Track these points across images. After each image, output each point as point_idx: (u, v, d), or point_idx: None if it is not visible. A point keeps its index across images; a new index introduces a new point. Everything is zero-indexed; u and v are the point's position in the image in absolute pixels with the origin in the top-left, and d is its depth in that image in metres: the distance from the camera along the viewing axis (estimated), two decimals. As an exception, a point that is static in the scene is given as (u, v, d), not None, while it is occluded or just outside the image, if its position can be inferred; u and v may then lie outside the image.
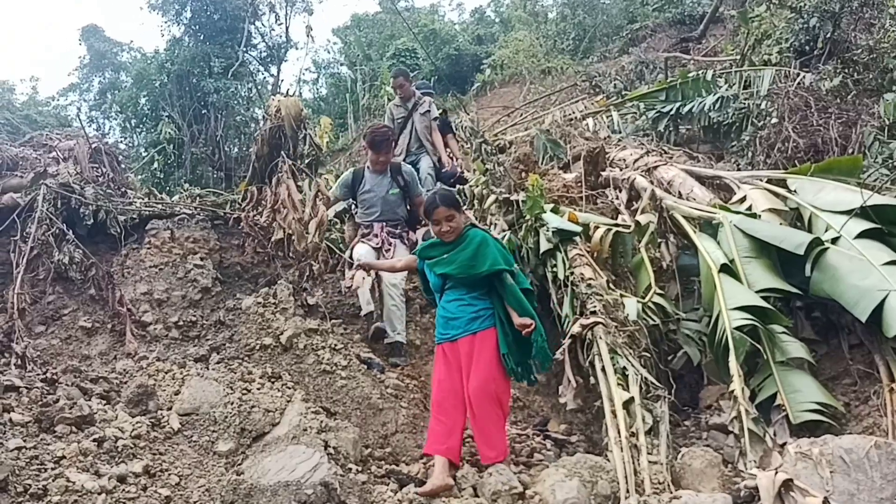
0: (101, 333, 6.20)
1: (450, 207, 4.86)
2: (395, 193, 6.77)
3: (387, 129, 6.74)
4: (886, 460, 3.37)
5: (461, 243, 4.89)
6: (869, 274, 5.21)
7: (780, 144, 8.23)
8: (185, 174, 18.85)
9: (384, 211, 6.81)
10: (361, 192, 6.84)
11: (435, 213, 4.83)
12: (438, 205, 4.83)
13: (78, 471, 4.25)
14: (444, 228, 4.85)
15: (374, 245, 6.63)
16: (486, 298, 4.86)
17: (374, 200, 6.79)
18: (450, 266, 4.87)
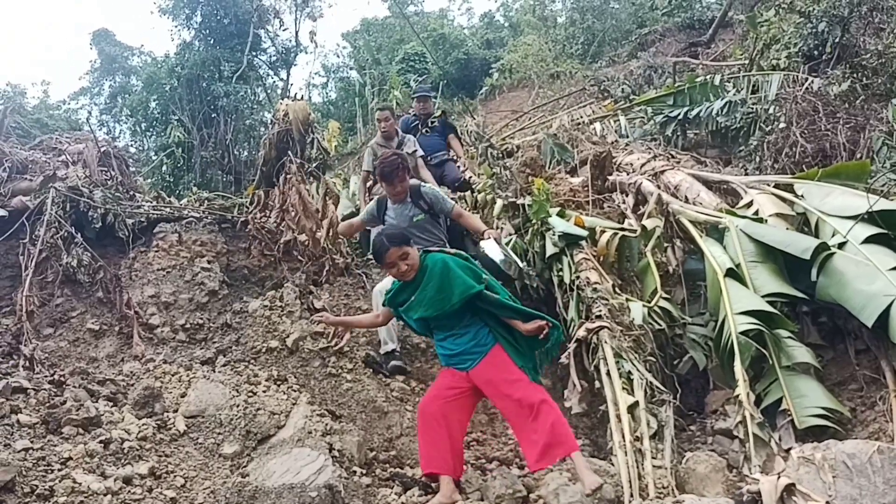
0: (108, 336, 6.24)
1: (401, 245, 4.51)
2: (420, 219, 6.24)
3: (395, 158, 6.21)
4: (889, 465, 3.36)
5: (423, 278, 4.57)
6: (875, 279, 5.19)
7: (788, 149, 8.20)
8: (195, 178, 18.94)
9: (416, 238, 6.24)
10: (387, 220, 6.36)
11: (387, 257, 4.49)
12: (388, 247, 4.47)
13: (84, 472, 4.29)
14: (402, 269, 4.50)
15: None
16: (478, 320, 4.61)
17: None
18: (421, 308, 4.58)
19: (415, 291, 4.58)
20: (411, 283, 4.59)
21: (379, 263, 4.63)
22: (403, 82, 21.58)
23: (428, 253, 4.69)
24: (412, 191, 6.31)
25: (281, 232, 6.83)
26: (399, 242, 4.50)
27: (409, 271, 4.51)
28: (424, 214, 6.25)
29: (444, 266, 4.54)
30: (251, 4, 21.56)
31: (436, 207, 6.28)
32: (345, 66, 30.14)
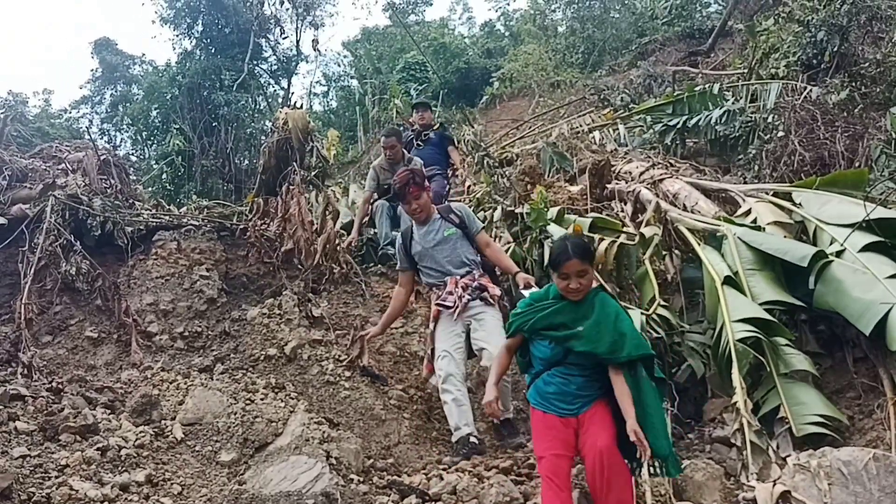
0: (106, 344, 6.25)
1: (584, 260, 3.88)
2: (451, 234, 5.71)
3: (405, 174, 5.72)
4: (885, 473, 3.36)
5: (592, 311, 3.95)
6: (873, 287, 5.19)
7: (787, 158, 8.21)
8: (195, 186, 18.98)
9: (445, 260, 5.71)
10: (414, 251, 5.82)
11: (565, 266, 3.86)
12: (571, 256, 3.85)
13: (81, 479, 4.29)
14: (574, 285, 3.87)
15: (450, 305, 5.54)
16: (602, 374, 3.97)
17: (428, 253, 5.74)
18: (591, 343, 3.86)
19: (579, 319, 3.94)
20: (572, 307, 3.96)
21: (552, 268, 4.02)
22: (404, 91, 21.63)
23: (602, 286, 4.32)
24: (441, 209, 5.89)
25: (281, 240, 6.84)
26: (583, 255, 3.89)
27: (579, 292, 3.91)
28: (456, 229, 5.75)
29: (616, 307, 4.05)
30: (252, 13, 21.64)
31: (467, 223, 5.80)
32: (345, 74, 30.23)
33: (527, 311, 4.11)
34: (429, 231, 5.76)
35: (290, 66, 24.50)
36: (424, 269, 5.80)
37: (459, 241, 5.72)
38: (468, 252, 5.74)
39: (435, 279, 5.75)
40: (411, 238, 5.83)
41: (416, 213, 5.72)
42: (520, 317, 4.14)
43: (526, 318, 4.09)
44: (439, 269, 5.70)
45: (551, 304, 4.05)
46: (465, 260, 5.71)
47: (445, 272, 5.68)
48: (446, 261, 5.68)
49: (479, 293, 5.59)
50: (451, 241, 5.70)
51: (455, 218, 5.79)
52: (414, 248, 5.79)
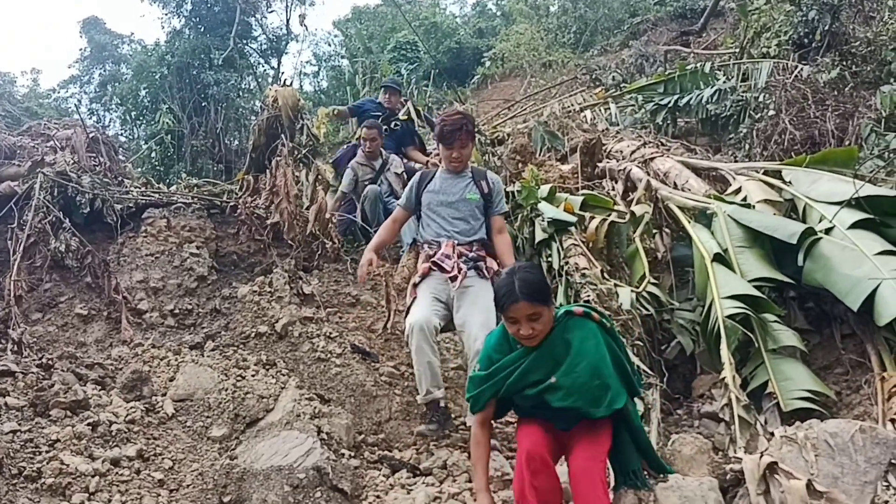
0: (97, 321, 6.24)
1: (534, 302, 3.23)
2: (473, 199, 5.24)
3: (461, 117, 5.21)
4: (871, 444, 3.40)
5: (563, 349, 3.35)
6: (861, 263, 5.22)
7: (777, 136, 8.23)
8: (185, 166, 18.87)
9: (455, 220, 5.23)
10: (427, 192, 5.32)
11: (511, 310, 3.25)
12: (517, 298, 3.22)
13: (72, 454, 4.30)
14: (525, 332, 3.27)
15: (447, 269, 5.03)
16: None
17: (440, 206, 5.26)
18: (568, 397, 3.30)
19: (554, 367, 3.33)
20: (543, 354, 3.36)
21: (497, 309, 3.40)
22: (395, 71, 21.52)
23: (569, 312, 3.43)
24: (476, 170, 5.48)
25: (269, 214, 6.81)
26: (534, 296, 3.22)
27: (533, 338, 3.29)
28: (480, 198, 5.28)
29: (597, 341, 3.38)
30: (240, -9, 21.44)
31: (493, 197, 5.33)
32: (336, 54, 30.03)
33: (492, 374, 3.43)
34: (454, 184, 5.29)
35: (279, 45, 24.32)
36: (428, 219, 5.30)
37: (478, 210, 5.27)
38: (479, 225, 5.28)
39: (432, 235, 5.24)
40: (429, 181, 5.35)
41: (455, 162, 5.24)
42: (486, 384, 3.45)
43: (494, 387, 3.43)
44: (444, 228, 5.22)
45: (517, 359, 3.39)
46: (474, 230, 5.25)
47: (447, 233, 5.20)
48: (458, 221, 5.22)
49: (475, 263, 5.15)
50: (471, 206, 5.25)
51: (485, 186, 5.32)
52: (428, 192, 5.30)
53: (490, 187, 5.33)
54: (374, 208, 7.77)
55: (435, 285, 5.06)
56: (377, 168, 8.07)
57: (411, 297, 5.08)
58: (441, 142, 5.26)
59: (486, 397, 3.47)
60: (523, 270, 3.32)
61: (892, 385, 4.76)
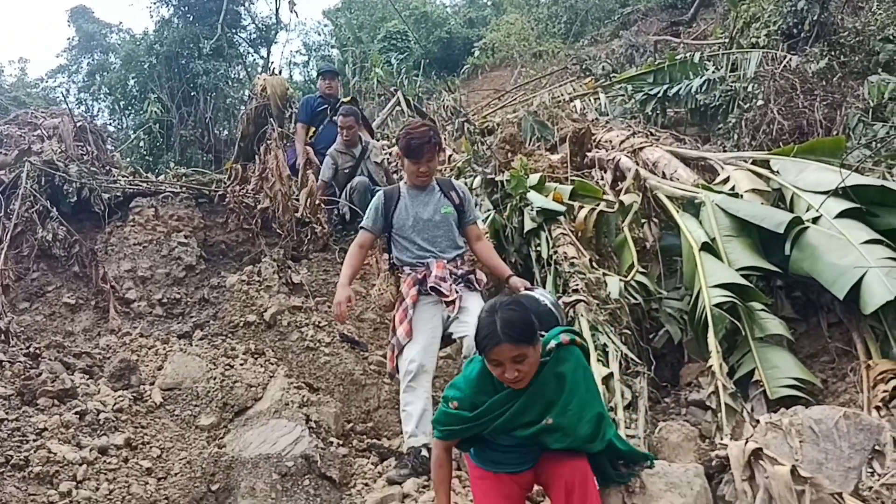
0: (84, 310, 6.23)
1: (519, 343, 2.93)
2: (448, 212, 5.01)
3: (427, 129, 4.94)
4: (855, 430, 3.43)
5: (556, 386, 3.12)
6: (848, 252, 5.25)
7: (766, 126, 8.25)
8: (174, 156, 18.77)
9: (436, 238, 4.98)
10: (398, 212, 5.01)
11: (493, 352, 2.95)
12: (500, 340, 2.92)
13: (59, 442, 4.30)
14: (510, 375, 2.97)
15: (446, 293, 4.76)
16: None
17: (417, 225, 4.98)
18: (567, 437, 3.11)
19: (548, 408, 3.09)
20: (534, 393, 3.09)
21: (478, 351, 3.07)
22: (385, 61, 21.45)
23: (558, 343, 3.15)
24: (442, 182, 5.21)
25: (258, 200, 6.78)
26: (519, 337, 2.93)
27: (519, 381, 3.01)
28: (453, 210, 5.04)
29: (587, 374, 3.22)
30: (229, -21, 21.29)
31: (466, 206, 5.12)
32: (326, 44, 29.90)
33: (477, 417, 3.11)
34: (425, 202, 5.01)
35: (268, 34, 24.19)
36: (403, 242, 5.01)
37: (454, 222, 5.06)
38: (458, 237, 5.09)
39: (413, 258, 4.96)
40: (397, 202, 5.03)
41: (423, 177, 4.97)
42: (467, 424, 3.13)
43: (479, 428, 3.13)
44: (426, 248, 4.95)
45: (506, 401, 3.08)
46: (456, 245, 5.05)
47: (431, 253, 4.94)
48: (438, 239, 4.97)
49: (465, 279, 4.96)
50: (448, 220, 5.02)
51: (455, 197, 5.09)
52: (399, 214, 5.00)
53: (461, 197, 5.13)
54: (363, 200, 7.43)
55: (429, 312, 4.79)
56: (357, 155, 7.85)
57: (403, 330, 4.74)
58: (408, 156, 4.93)
59: (464, 435, 3.17)
60: (505, 308, 2.99)
61: (877, 373, 4.79)
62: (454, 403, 3.13)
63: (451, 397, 3.16)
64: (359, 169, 7.75)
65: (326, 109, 8.60)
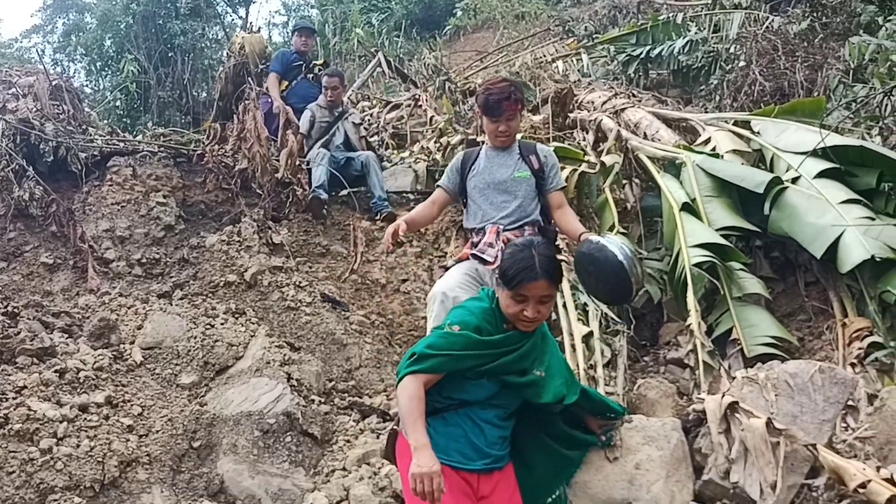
0: (63, 270, 6.17)
1: (552, 280, 2.86)
2: (523, 177, 4.55)
3: (507, 84, 4.54)
4: (829, 384, 3.49)
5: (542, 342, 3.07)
6: (826, 212, 5.30)
7: (747, 87, 8.24)
8: (152, 118, 18.51)
9: (503, 203, 4.52)
10: (473, 175, 4.62)
11: (528, 288, 2.81)
12: (538, 275, 2.80)
13: (39, 400, 4.30)
14: (530, 314, 2.86)
15: (490, 260, 4.28)
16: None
17: (487, 189, 4.56)
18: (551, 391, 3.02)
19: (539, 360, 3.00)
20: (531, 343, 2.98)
21: (504, 284, 2.88)
22: (366, 21, 21.21)
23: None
24: (525, 144, 4.75)
25: (237, 162, 6.71)
26: (554, 275, 2.84)
27: (534, 322, 2.89)
28: (531, 176, 4.58)
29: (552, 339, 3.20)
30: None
31: (547, 172, 4.62)
32: (305, 3, 29.44)
33: (484, 344, 2.89)
34: (502, 164, 4.60)
35: (248, -6, 23.79)
36: (474, 205, 4.61)
37: (529, 189, 4.56)
38: (531, 207, 4.58)
39: (478, 222, 4.57)
40: (474, 162, 4.67)
41: (503, 136, 4.54)
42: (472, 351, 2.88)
43: (483, 359, 2.89)
44: (489, 213, 4.53)
45: (517, 340, 2.94)
46: (525, 213, 4.54)
47: (491, 218, 4.51)
48: (506, 204, 4.52)
49: None
50: (522, 186, 4.55)
51: (535, 162, 4.61)
52: (473, 174, 4.62)
53: (542, 162, 4.63)
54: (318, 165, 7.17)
55: (466, 267, 4.45)
56: (336, 115, 7.73)
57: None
58: (486, 113, 4.52)
59: (464, 365, 2.87)
60: (543, 246, 2.89)
61: (852, 331, 4.87)
62: (456, 327, 2.88)
63: (452, 321, 2.95)
64: (335, 127, 7.64)
65: (301, 66, 8.50)
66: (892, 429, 3.39)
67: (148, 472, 4.24)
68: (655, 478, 3.43)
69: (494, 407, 2.96)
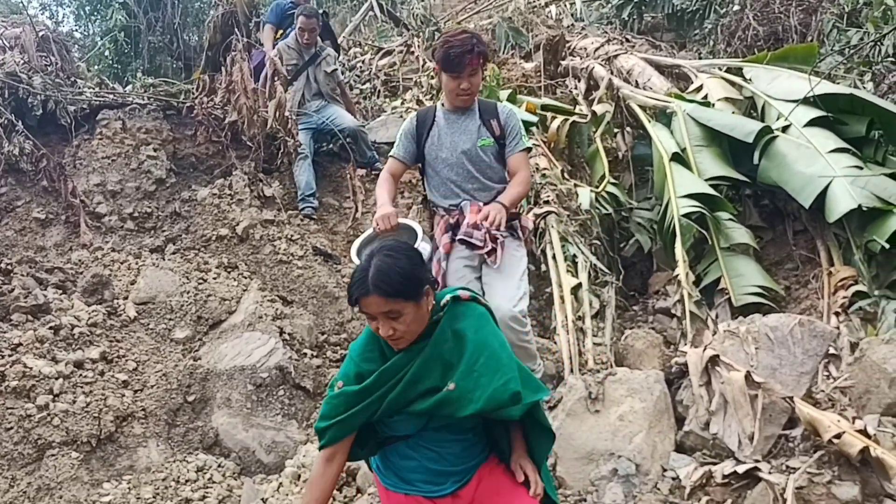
0: (55, 225, 6.18)
1: (390, 297, 2.36)
2: (487, 144, 4.13)
3: (469, 36, 4.00)
4: (809, 337, 3.55)
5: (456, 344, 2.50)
6: (815, 161, 5.31)
7: (741, 32, 8.18)
8: (143, 64, 18.28)
9: (473, 176, 4.14)
10: (431, 141, 4.19)
11: (363, 305, 2.37)
12: (368, 290, 2.34)
13: (35, 357, 4.36)
14: (383, 332, 2.41)
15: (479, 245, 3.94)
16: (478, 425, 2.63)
17: (450, 158, 4.14)
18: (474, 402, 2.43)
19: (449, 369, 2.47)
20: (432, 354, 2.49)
21: (348, 301, 2.50)
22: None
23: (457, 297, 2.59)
24: (486, 105, 4.25)
25: (226, 113, 6.65)
26: (387, 289, 2.35)
27: (399, 339, 2.45)
28: (493, 142, 4.15)
29: (497, 334, 2.58)
30: None
31: (509, 138, 4.17)
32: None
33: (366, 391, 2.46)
34: (463, 130, 4.15)
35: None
36: (438, 177, 4.22)
37: (493, 155, 4.17)
38: (500, 174, 4.21)
39: (445, 200, 4.21)
40: (430, 127, 4.20)
41: (463, 95, 4.05)
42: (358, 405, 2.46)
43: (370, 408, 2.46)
44: (461, 186, 4.17)
45: (400, 367, 2.48)
46: (497, 182, 4.19)
47: (467, 194, 4.15)
48: (475, 177, 4.15)
49: (509, 223, 4.10)
50: (488, 154, 4.15)
51: (496, 127, 4.16)
52: (432, 142, 4.19)
53: (503, 126, 4.18)
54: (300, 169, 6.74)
55: (464, 262, 4.09)
56: (306, 59, 7.09)
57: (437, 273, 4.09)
58: (445, 69, 4.01)
59: (357, 423, 2.49)
60: (384, 254, 2.42)
61: (837, 279, 4.93)
62: (339, 383, 2.54)
63: (337, 378, 2.57)
64: (303, 73, 7.05)
65: (294, 13, 7.81)
66: (870, 378, 3.46)
67: (143, 427, 4.32)
68: (638, 429, 3.53)
69: (439, 429, 2.54)
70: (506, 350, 2.53)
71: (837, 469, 2.98)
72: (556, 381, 4.44)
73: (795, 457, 3.12)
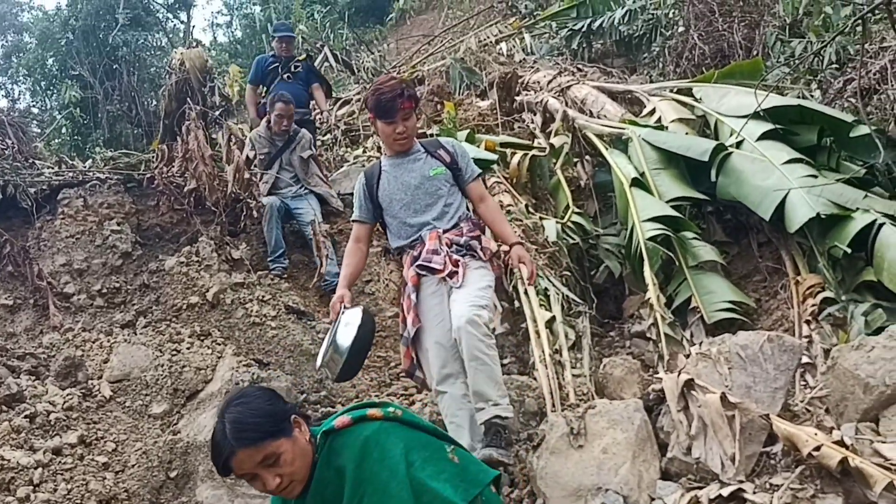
0: (23, 310, 6.13)
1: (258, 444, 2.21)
2: (439, 173, 4.18)
3: (397, 82, 4.15)
4: (779, 352, 3.59)
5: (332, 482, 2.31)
6: (770, 174, 5.40)
7: (688, 53, 8.31)
8: (103, 134, 18.30)
9: (428, 207, 4.17)
10: (383, 194, 4.22)
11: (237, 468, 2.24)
12: (233, 448, 2.19)
13: (12, 448, 4.29)
14: (272, 485, 2.26)
15: (439, 268, 3.99)
16: None
17: (404, 198, 4.19)
18: None
19: None
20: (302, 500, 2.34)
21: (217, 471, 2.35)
22: (308, 15, 21.00)
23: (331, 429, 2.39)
24: (427, 142, 4.37)
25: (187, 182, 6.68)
26: (252, 438, 2.20)
27: (289, 485, 2.28)
28: (445, 170, 4.21)
29: (384, 458, 2.27)
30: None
31: (460, 163, 4.27)
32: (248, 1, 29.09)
33: None
34: (409, 169, 4.20)
35: (187, -2, 23.47)
36: (394, 221, 4.26)
37: (448, 187, 4.22)
38: (457, 201, 4.26)
39: (407, 239, 4.22)
40: (378, 178, 4.25)
41: (400, 139, 4.11)
42: None
43: None
44: (415, 222, 4.18)
45: None
46: (455, 210, 4.24)
47: (423, 224, 4.17)
48: (430, 207, 4.17)
49: (468, 245, 4.15)
50: (438, 183, 4.19)
51: (445, 155, 4.25)
52: (384, 190, 4.21)
53: (451, 152, 4.27)
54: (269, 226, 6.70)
55: (434, 290, 4.07)
56: (279, 146, 7.02)
57: (411, 319, 4.06)
58: (379, 116, 4.08)
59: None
60: (232, 406, 2.28)
61: (805, 288, 4.99)
62: None
63: None
64: (277, 160, 6.99)
65: (277, 67, 8.14)
66: (845, 386, 3.49)
67: (128, 509, 4.26)
68: (622, 460, 3.52)
69: None
70: (396, 478, 2.22)
71: (820, 482, 2.99)
72: (539, 417, 4.43)
73: (778, 473, 3.14)
